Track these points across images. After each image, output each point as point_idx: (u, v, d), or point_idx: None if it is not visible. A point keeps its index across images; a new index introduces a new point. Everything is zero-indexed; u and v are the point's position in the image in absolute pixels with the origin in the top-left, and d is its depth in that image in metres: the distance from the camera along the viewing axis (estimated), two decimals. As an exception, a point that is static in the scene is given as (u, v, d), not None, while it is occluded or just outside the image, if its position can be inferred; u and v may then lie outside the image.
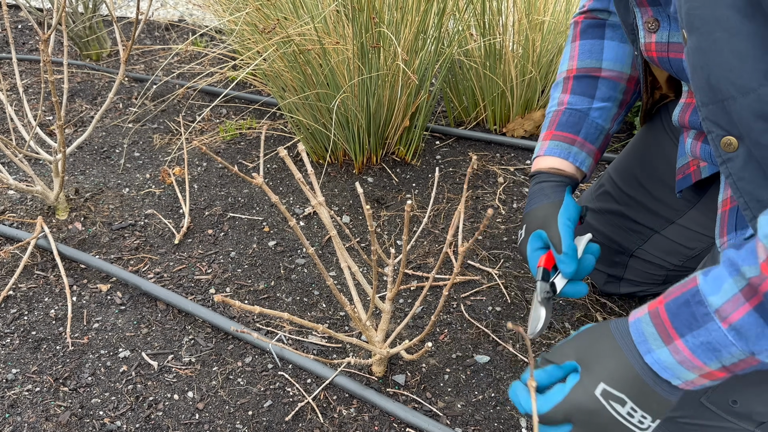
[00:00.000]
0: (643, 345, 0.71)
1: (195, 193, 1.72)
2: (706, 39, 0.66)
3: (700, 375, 0.69)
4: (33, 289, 1.39)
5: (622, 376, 0.73)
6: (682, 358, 0.68)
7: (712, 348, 0.65)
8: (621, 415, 0.73)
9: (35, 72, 2.53)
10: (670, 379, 0.71)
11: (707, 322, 0.65)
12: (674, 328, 0.68)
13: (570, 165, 1.09)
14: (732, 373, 0.68)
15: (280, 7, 1.55)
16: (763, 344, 0.63)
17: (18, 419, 1.09)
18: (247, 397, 1.13)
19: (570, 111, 1.11)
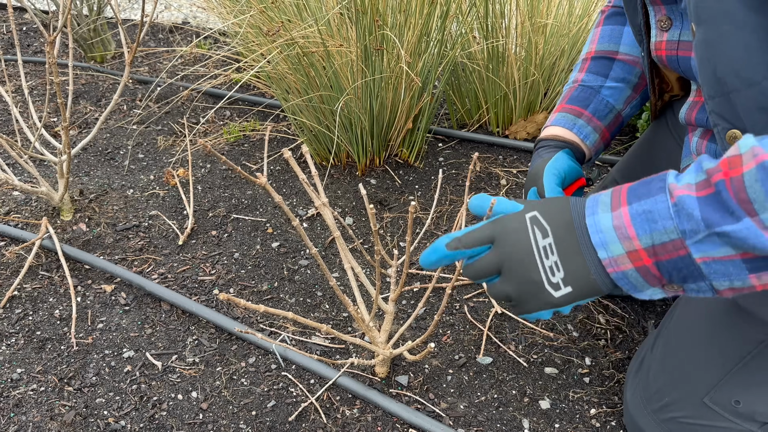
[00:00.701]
0: (591, 209, 0.69)
1: (199, 195, 1.72)
2: (714, 31, 0.67)
3: (627, 252, 0.65)
4: (38, 290, 1.40)
5: (556, 215, 0.71)
6: (620, 223, 0.66)
7: (651, 218, 0.64)
8: (537, 246, 0.71)
9: (39, 74, 2.54)
10: (597, 246, 0.68)
11: (657, 194, 0.64)
12: (626, 197, 0.67)
13: (573, 135, 1.10)
14: (657, 260, 0.64)
15: (284, 9, 1.56)
16: (694, 223, 0.61)
17: (23, 418, 1.10)
18: (250, 398, 1.14)
19: (582, 87, 1.13)
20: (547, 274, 0.71)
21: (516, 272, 0.72)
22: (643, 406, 0.99)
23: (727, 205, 0.59)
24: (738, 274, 0.62)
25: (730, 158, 0.60)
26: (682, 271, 0.64)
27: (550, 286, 0.71)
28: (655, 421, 0.96)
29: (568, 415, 1.10)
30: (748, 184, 0.58)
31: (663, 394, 0.96)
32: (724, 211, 0.59)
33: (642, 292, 0.68)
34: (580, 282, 0.70)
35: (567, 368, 1.19)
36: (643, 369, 1.03)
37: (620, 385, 1.16)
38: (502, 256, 0.73)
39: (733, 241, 0.59)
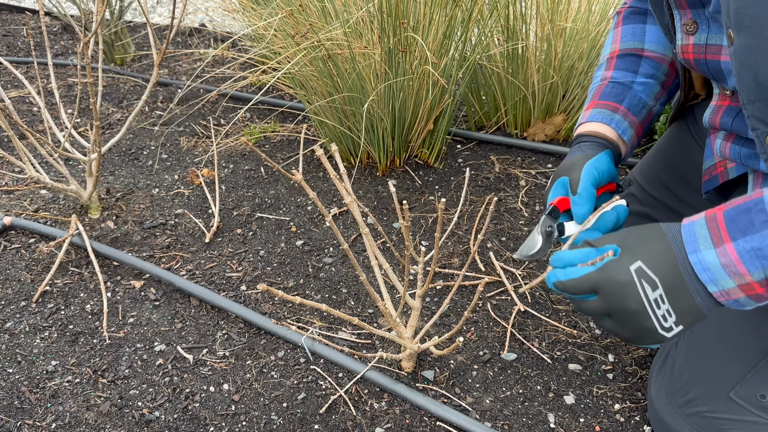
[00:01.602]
0: (692, 245, 0.70)
1: (223, 194, 1.76)
2: (756, 37, 0.68)
3: (739, 285, 0.67)
4: (69, 285, 1.43)
5: (661, 261, 0.72)
6: (728, 261, 0.67)
7: (761, 255, 0.64)
8: (648, 299, 0.73)
9: (61, 75, 2.58)
10: (707, 283, 0.69)
11: (764, 229, 0.64)
12: (728, 232, 0.67)
13: (612, 131, 1.08)
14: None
15: (310, 12, 1.59)
16: None
17: (60, 408, 1.13)
18: (281, 390, 1.16)
19: (613, 83, 1.12)
20: (659, 321, 0.74)
21: (628, 322, 0.75)
22: (668, 401, 1.01)
23: None
24: None
25: None
26: None
27: (663, 330, 0.74)
28: (680, 416, 0.98)
29: (592, 410, 1.12)
30: None
31: (688, 389, 0.98)
32: None
33: (748, 307, 0.71)
34: (690, 319, 0.73)
35: (590, 365, 1.21)
36: (667, 365, 1.05)
37: (643, 382, 1.18)
38: (612, 308, 0.76)
39: None
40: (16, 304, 1.37)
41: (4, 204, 1.71)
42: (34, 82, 2.47)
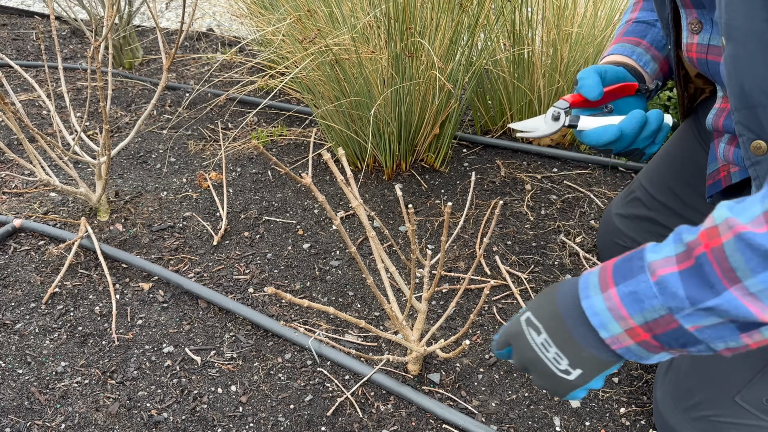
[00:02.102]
0: (584, 291, 0.72)
1: (230, 197, 1.77)
2: (742, 49, 0.70)
3: (625, 330, 0.69)
4: (78, 287, 1.44)
5: (544, 308, 0.76)
6: (612, 305, 0.69)
7: (638, 298, 0.66)
8: (536, 344, 0.76)
9: (71, 79, 2.60)
10: (598, 328, 0.71)
11: (639, 274, 0.67)
12: (612, 278, 0.70)
13: (632, 61, 1.07)
14: (654, 335, 0.68)
15: (318, 18, 1.60)
16: (679, 301, 0.64)
17: (69, 409, 1.14)
18: (288, 392, 1.17)
19: (637, 23, 1.11)
20: (554, 364, 0.75)
21: (533, 370, 0.78)
22: (673, 404, 1.01)
23: (708, 278, 0.62)
24: (731, 335, 0.65)
25: (708, 230, 0.63)
26: (680, 340, 0.67)
27: (563, 373, 0.75)
28: (686, 420, 0.98)
29: (598, 414, 1.12)
30: (729, 253, 0.61)
31: (693, 393, 0.98)
32: (705, 285, 0.63)
33: (649, 359, 0.71)
34: (583, 362, 0.74)
35: (596, 368, 1.22)
36: (673, 368, 1.05)
37: (648, 386, 1.18)
38: (519, 360, 0.80)
39: (717, 312, 0.62)
40: (26, 305, 1.39)
41: (14, 206, 1.72)
42: (44, 85, 2.50)
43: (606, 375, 0.77)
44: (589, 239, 1.58)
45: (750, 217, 0.62)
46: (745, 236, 0.60)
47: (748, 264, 0.60)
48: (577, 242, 1.58)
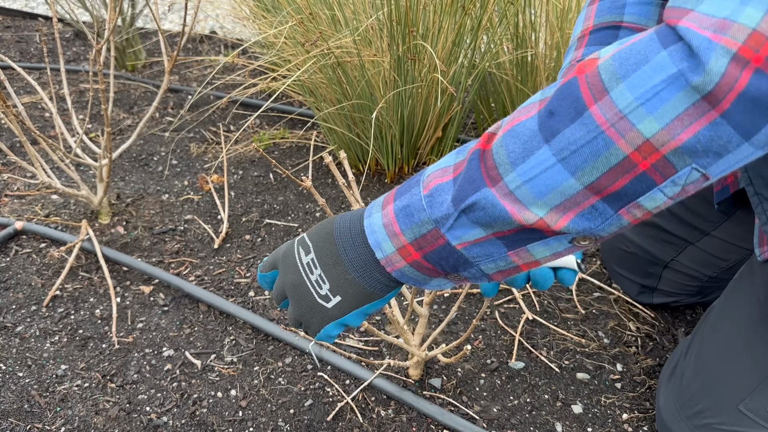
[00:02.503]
0: (368, 211, 0.69)
1: (232, 200, 1.77)
2: None
3: (398, 249, 0.65)
4: (78, 290, 1.44)
5: (319, 230, 0.72)
6: (387, 221, 0.65)
7: (409, 212, 0.63)
8: (302, 263, 0.72)
9: (73, 81, 2.61)
10: (374, 247, 0.67)
11: (413, 188, 0.64)
12: (393, 196, 0.66)
13: None
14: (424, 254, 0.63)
15: (320, 21, 1.60)
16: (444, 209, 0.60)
17: (69, 413, 1.14)
18: (288, 396, 1.16)
19: None
20: (315, 288, 0.71)
21: (292, 294, 0.74)
22: (676, 412, 1.00)
23: (473, 176, 0.58)
24: (498, 253, 0.60)
25: (489, 133, 0.59)
26: (449, 260, 0.63)
27: (321, 299, 0.71)
28: (689, 427, 0.98)
29: (600, 420, 1.12)
30: (495, 151, 0.57)
31: (697, 401, 0.98)
32: (468, 182, 0.58)
33: (427, 284, 0.68)
34: (344, 287, 0.70)
35: (599, 374, 1.21)
36: (676, 375, 1.04)
37: (652, 392, 1.17)
38: (282, 282, 0.75)
39: (477, 216, 0.58)
40: (26, 308, 1.38)
41: (16, 209, 1.72)
42: (47, 88, 2.50)
43: (366, 312, 0.72)
44: (592, 243, 1.57)
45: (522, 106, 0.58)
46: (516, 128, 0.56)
47: (509, 157, 0.55)
48: (579, 246, 1.57)
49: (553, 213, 0.55)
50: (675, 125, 0.48)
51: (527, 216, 0.55)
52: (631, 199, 0.52)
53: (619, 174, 0.51)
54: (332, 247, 0.70)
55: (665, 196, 0.52)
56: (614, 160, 0.51)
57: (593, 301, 1.40)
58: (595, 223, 0.55)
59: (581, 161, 0.52)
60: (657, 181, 0.51)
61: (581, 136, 0.51)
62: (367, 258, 0.68)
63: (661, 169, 0.50)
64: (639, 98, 0.48)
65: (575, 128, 0.52)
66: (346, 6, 1.62)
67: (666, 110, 0.48)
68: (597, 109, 0.50)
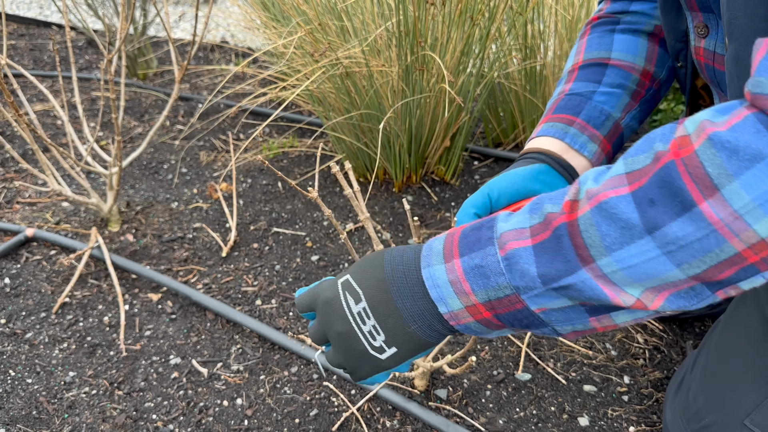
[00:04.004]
0: (426, 259, 0.65)
1: (240, 209, 1.78)
2: (744, 50, 0.64)
3: (466, 306, 0.62)
4: (87, 297, 1.45)
5: (368, 274, 0.67)
6: (455, 278, 0.62)
7: (483, 274, 0.60)
8: (351, 312, 0.67)
9: (85, 89, 2.64)
10: (437, 301, 0.64)
11: (487, 246, 0.61)
12: (458, 248, 0.63)
13: (564, 145, 0.93)
14: (496, 315, 0.61)
15: (329, 31, 1.61)
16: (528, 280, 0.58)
17: (76, 419, 1.14)
18: (293, 406, 1.17)
19: (570, 96, 0.98)
20: (368, 339, 0.68)
21: (339, 343, 0.70)
22: (682, 426, 1.00)
23: (565, 255, 0.56)
24: (579, 318, 0.60)
25: (572, 202, 0.57)
26: (523, 321, 0.61)
27: (375, 351, 0.68)
28: (696, 441, 0.97)
29: (607, 433, 1.11)
30: (584, 228, 0.55)
31: (703, 415, 0.97)
32: (560, 260, 0.56)
33: (489, 335, 0.66)
34: (401, 339, 0.67)
35: (606, 386, 1.20)
36: (682, 389, 1.04)
37: (659, 404, 1.16)
38: (324, 327, 0.71)
39: (569, 293, 0.57)
40: (36, 315, 1.40)
41: (26, 216, 1.74)
42: (59, 96, 2.53)
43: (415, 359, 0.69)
44: (600, 254, 1.57)
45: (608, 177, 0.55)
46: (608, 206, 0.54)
47: (603, 240, 0.53)
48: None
49: (649, 293, 0.55)
50: None
51: (625, 298, 0.55)
52: (732, 283, 0.53)
53: (726, 266, 0.51)
54: (386, 295, 0.66)
55: (764, 279, 0.52)
56: (724, 256, 0.50)
57: (601, 312, 1.39)
58: (690, 302, 0.55)
59: (689, 256, 0.51)
60: (762, 269, 0.51)
61: (690, 233, 0.50)
62: (427, 310, 0.65)
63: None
64: (757, 199, 0.47)
65: (683, 224, 0.50)
66: (355, 16, 1.63)
67: None
68: (708, 207, 0.49)
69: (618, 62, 0.98)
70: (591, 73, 0.98)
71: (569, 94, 0.98)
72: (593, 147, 0.95)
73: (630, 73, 0.98)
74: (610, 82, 0.97)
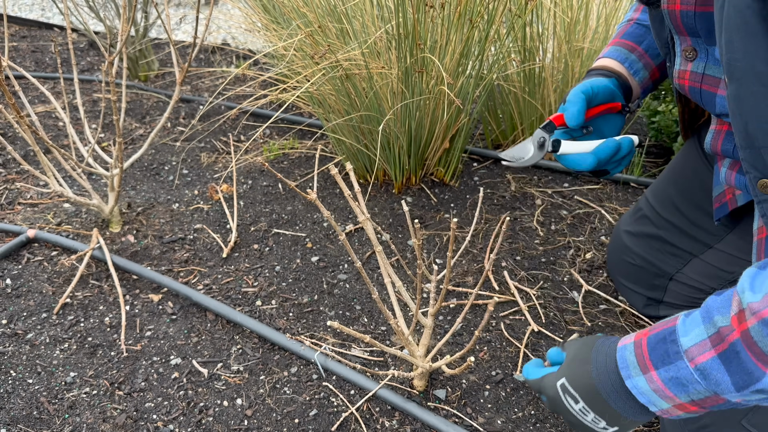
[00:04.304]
0: (625, 370, 0.78)
1: (241, 210, 1.78)
2: (745, 90, 0.69)
3: (674, 405, 0.74)
4: (88, 298, 1.46)
5: (580, 381, 0.83)
6: (656, 387, 0.74)
7: (681, 383, 0.71)
8: (574, 409, 0.84)
9: (86, 91, 2.64)
10: (647, 404, 0.76)
11: (677, 360, 0.72)
12: (651, 360, 0.74)
13: (623, 68, 1.11)
14: (703, 407, 0.73)
15: (329, 33, 1.62)
16: (725, 387, 0.68)
17: (77, 420, 1.15)
18: (293, 406, 1.17)
19: (637, 24, 1.13)
20: (593, 424, 0.84)
21: (570, 422, 0.87)
22: (680, 427, 1.00)
23: (746, 366, 0.67)
24: None
25: (737, 315, 0.67)
26: (726, 406, 0.72)
27: (601, 429, 0.84)
28: (694, 442, 0.98)
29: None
30: (757, 339, 0.65)
31: (701, 416, 0.97)
32: (744, 372, 0.67)
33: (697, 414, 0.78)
34: (621, 423, 0.82)
35: (603, 387, 1.21)
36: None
37: (657, 405, 1.17)
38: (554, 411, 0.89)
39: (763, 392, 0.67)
40: (37, 315, 1.40)
41: (28, 217, 1.75)
42: (60, 97, 2.54)
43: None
44: (600, 255, 1.57)
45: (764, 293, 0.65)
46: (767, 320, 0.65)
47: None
48: (587, 258, 1.57)
49: None
50: None
51: None
52: None
53: None
54: (601, 400, 0.81)
55: None
56: None
57: (599, 313, 1.40)
58: None
59: None
60: None
61: None
62: (636, 408, 0.79)
63: None
64: None
65: None
66: (354, 19, 1.64)
67: None
68: None
69: None
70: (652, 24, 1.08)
71: (637, 23, 1.13)
72: (644, 74, 1.13)
73: None
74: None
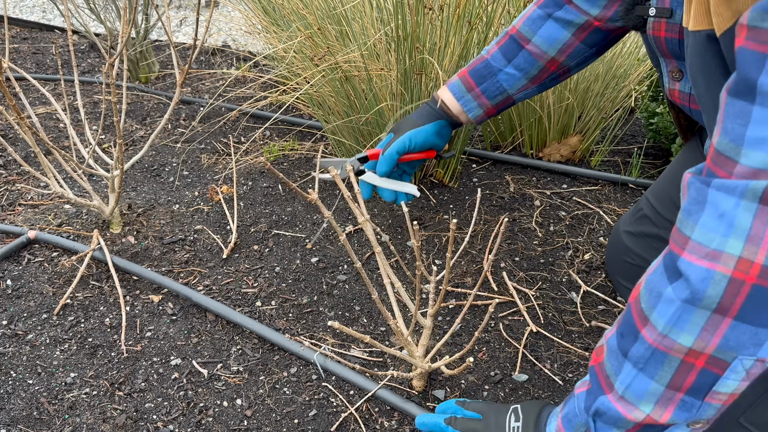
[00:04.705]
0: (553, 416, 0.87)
1: (241, 211, 1.79)
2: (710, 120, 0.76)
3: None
4: (89, 299, 1.46)
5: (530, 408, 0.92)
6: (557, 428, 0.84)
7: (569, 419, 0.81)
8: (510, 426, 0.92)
9: (87, 93, 2.65)
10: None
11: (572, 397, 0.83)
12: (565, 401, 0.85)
13: (458, 106, 1.23)
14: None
15: (328, 35, 1.62)
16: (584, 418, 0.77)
17: (77, 420, 1.16)
18: (292, 406, 1.18)
19: (486, 63, 1.21)
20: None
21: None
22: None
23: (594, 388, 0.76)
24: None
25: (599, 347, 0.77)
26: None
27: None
28: (692, 442, 0.98)
29: (603, 433, 1.12)
30: (604, 364, 0.75)
31: (699, 414, 0.98)
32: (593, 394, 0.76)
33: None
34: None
35: (602, 387, 1.21)
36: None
37: (655, 405, 1.17)
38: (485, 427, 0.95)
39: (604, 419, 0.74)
40: (38, 316, 1.41)
41: (29, 218, 1.76)
42: (61, 99, 2.55)
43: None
44: (598, 256, 1.58)
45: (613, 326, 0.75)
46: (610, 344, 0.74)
47: (611, 369, 0.73)
48: (585, 259, 1.57)
49: (657, 409, 0.70)
50: (704, 335, 0.64)
51: (636, 414, 0.71)
52: (708, 388, 0.67)
53: (684, 374, 0.67)
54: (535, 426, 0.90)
55: (736, 381, 0.65)
56: (675, 364, 0.67)
57: (598, 314, 1.40)
58: (691, 413, 0.69)
59: (653, 368, 0.69)
60: (718, 373, 0.65)
61: (643, 352, 0.69)
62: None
63: (714, 365, 0.65)
64: (669, 322, 0.66)
65: (638, 347, 0.70)
66: (354, 21, 1.64)
67: (692, 326, 0.64)
68: (646, 332, 0.69)
69: (533, 48, 1.16)
70: (510, 49, 1.19)
71: (487, 61, 1.21)
72: (479, 111, 1.24)
73: (537, 61, 1.17)
74: (518, 64, 1.18)
